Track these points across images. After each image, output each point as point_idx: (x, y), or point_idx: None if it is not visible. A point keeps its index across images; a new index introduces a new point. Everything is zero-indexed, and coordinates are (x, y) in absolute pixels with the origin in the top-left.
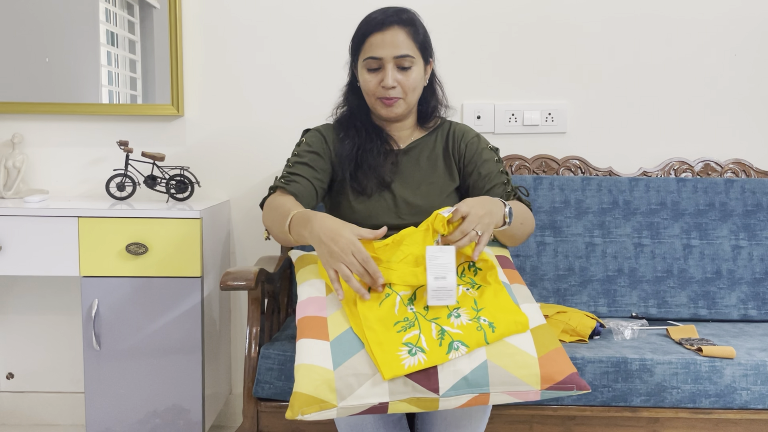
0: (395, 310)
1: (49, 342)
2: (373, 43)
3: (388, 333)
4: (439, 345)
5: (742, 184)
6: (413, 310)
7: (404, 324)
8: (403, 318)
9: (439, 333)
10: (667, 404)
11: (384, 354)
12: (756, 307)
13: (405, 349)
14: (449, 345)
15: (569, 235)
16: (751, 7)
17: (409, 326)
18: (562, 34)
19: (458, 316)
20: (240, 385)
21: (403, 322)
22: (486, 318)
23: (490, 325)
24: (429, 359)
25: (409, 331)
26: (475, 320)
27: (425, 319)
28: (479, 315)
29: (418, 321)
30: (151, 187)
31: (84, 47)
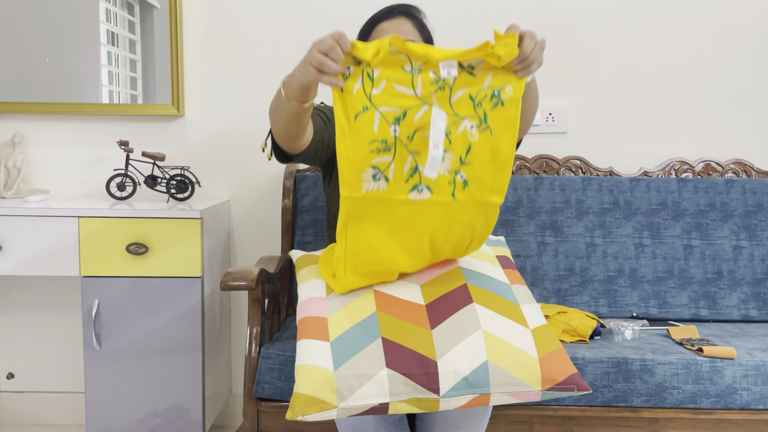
0: (374, 127)
1: (49, 342)
2: (380, 29)
3: (360, 149)
4: (405, 181)
5: (743, 184)
6: (395, 133)
7: (380, 146)
8: (381, 138)
9: (411, 169)
10: (667, 404)
11: (349, 171)
12: (757, 308)
13: (370, 171)
14: (415, 185)
15: (570, 236)
16: (751, 7)
17: (385, 150)
18: (563, 34)
19: (441, 160)
20: (240, 385)
21: (380, 143)
22: (464, 175)
23: (464, 182)
24: (388, 191)
25: (382, 155)
26: (453, 172)
27: (405, 148)
28: (461, 169)
29: (396, 148)
30: (151, 187)
31: (84, 47)
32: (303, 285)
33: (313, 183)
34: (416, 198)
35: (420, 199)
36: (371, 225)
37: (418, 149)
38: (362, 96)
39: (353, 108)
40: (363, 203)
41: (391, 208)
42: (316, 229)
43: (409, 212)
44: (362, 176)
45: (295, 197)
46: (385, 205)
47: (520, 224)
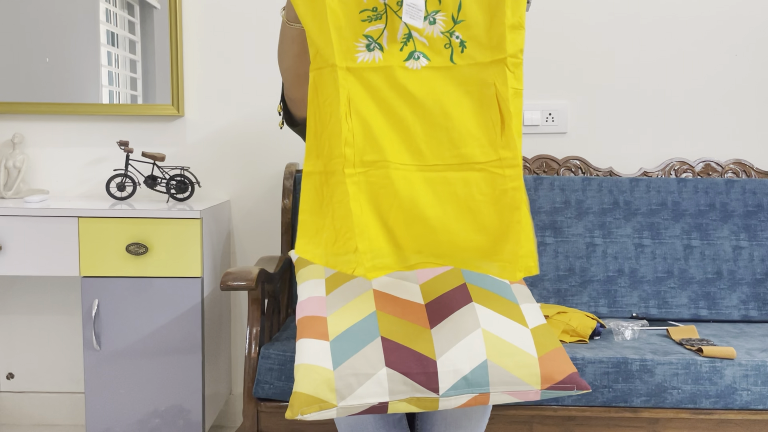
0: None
1: (49, 342)
2: None
3: (349, 17)
4: (399, 49)
5: (743, 184)
6: (385, 1)
7: (371, 14)
8: (371, 7)
9: (405, 36)
10: (667, 405)
11: (341, 41)
12: (757, 308)
13: (363, 42)
14: (410, 53)
15: (570, 236)
16: (752, 6)
17: (376, 18)
18: (563, 35)
19: (433, 23)
20: (240, 385)
21: (371, 11)
22: (460, 35)
23: (461, 43)
24: (384, 59)
25: (374, 23)
26: (447, 34)
27: (396, 15)
28: (455, 29)
29: (387, 15)
30: (151, 187)
31: (84, 47)
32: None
33: None
34: (413, 66)
35: (417, 67)
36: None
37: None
38: None
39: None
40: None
41: (391, 80)
42: None
43: (410, 85)
44: (356, 46)
45: (295, 197)
46: (382, 80)
47: None
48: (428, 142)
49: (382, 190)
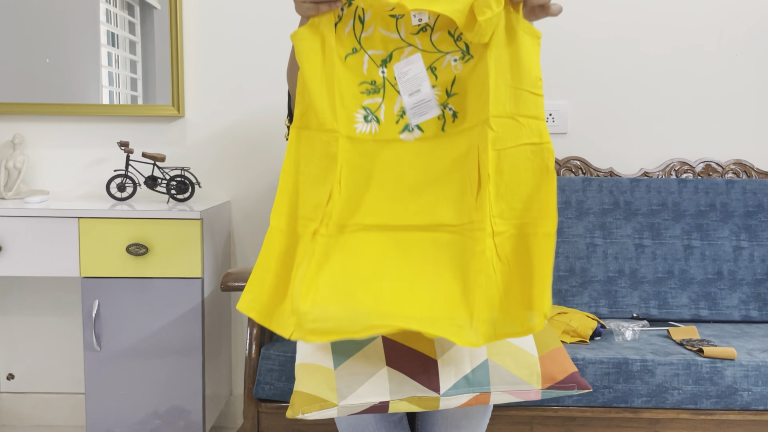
0: (363, 69)
1: (49, 343)
2: None
3: (350, 87)
4: (395, 122)
5: (743, 184)
6: (384, 74)
7: (370, 87)
8: (371, 80)
9: (401, 110)
10: (668, 405)
11: (343, 109)
12: (757, 308)
13: (362, 113)
14: (405, 126)
15: (570, 236)
16: (752, 8)
17: (374, 91)
18: (563, 35)
19: (434, 102)
20: (240, 386)
21: (370, 84)
22: (453, 107)
23: (453, 115)
24: (380, 132)
25: (372, 96)
26: (441, 107)
27: (394, 89)
28: (448, 102)
29: (384, 89)
30: (151, 187)
31: (84, 48)
32: None
33: None
34: (407, 138)
35: (411, 139)
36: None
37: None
38: (352, 38)
39: (344, 49)
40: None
41: (382, 150)
42: None
43: (401, 156)
44: (354, 117)
45: None
46: (375, 152)
47: None
48: (407, 206)
49: (349, 251)
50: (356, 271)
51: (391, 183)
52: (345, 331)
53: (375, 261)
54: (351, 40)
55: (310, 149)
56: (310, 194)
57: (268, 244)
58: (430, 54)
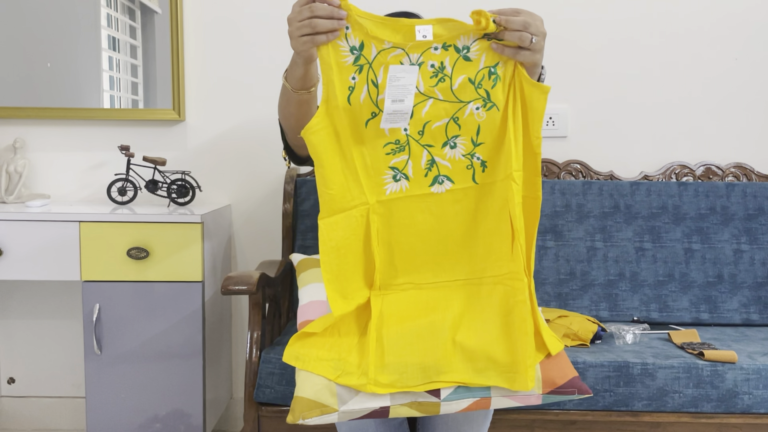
0: (386, 131)
1: (50, 347)
2: None
3: (375, 154)
4: (424, 176)
5: (744, 188)
6: (406, 132)
7: (394, 147)
8: (394, 140)
9: (428, 162)
10: (668, 409)
11: (368, 179)
12: (758, 311)
13: (390, 173)
14: (434, 178)
15: (570, 239)
16: (752, 11)
17: (399, 150)
18: (563, 39)
19: (453, 147)
20: (241, 390)
21: (394, 144)
22: (480, 156)
23: (482, 164)
24: (411, 188)
25: (398, 155)
26: (468, 157)
27: (418, 143)
28: (475, 151)
29: (409, 145)
30: (152, 191)
31: (85, 52)
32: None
33: (313, 187)
34: (438, 191)
35: (442, 191)
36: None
37: (430, 142)
38: (369, 104)
39: (362, 117)
40: (389, 208)
41: (417, 206)
42: (316, 233)
43: (435, 209)
44: (383, 179)
45: (296, 201)
46: (409, 207)
47: None
48: (451, 260)
49: (404, 306)
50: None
51: (433, 238)
52: (408, 386)
53: (427, 315)
54: (369, 106)
55: (338, 230)
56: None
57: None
58: (452, 104)
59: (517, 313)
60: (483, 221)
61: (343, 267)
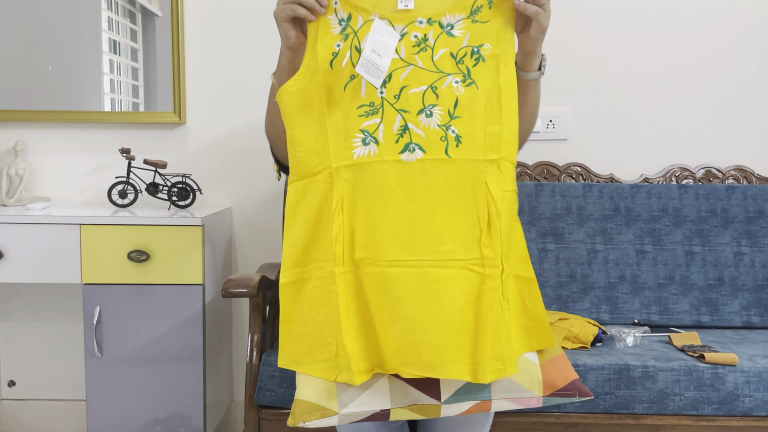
0: (362, 92)
1: (50, 349)
2: None
3: (348, 116)
4: (395, 141)
5: (744, 190)
6: (382, 95)
7: (368, 109)
8: (369, 102)
9: (401, 128)
10: (669, 411)
11: (337, 142)
12: (759, 314)
13: (359, 137)
14: (406, 145)
15: (571, 242)
16: (752, 13)
17: (372, 113)
18: (563, 42)
19: (429, 116)
20: (241, 393)
21: (368, 107)
22: (456, 130)
23: (456, 138)
24: (380, 152)
25: (370, 117)
26: (444, 128)
27: (392, 107)
28: (451, 124)
29: (383, 108)
30: (152, 194)
31: (86, 55)
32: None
33: None
34: (408, 159)
35: (412, 159)
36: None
37: (406, 107)
38: (350, 68)
39: (342, 80)
40: (356, 173)
41: (384, 174)
42: None
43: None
44: (353, 142)
45: None
46: (377, 173)
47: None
48: (414, 237)
49: (368, 287)
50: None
51: (397, 211)
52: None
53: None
54: (349, 69)
55: (308, 196)
56: (318, 238)
57: (285, 300)
58: (431, 73)
59: (485, 302)
60: (453, 199)
61: (306, 231)
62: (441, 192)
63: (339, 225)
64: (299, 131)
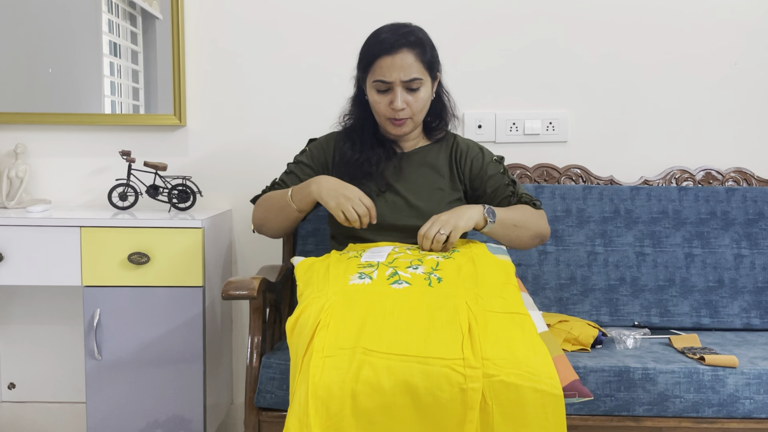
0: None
1: (50, 352)
2: (383, 66)
3: (350, 268)
4: (386, 279)
5: (744, 192)
6: (379, 261)
7: (367, 266)
8: (367, 264)
9: (392, 274)
10: (669, 414)
11: (336, 281)
12: (759, 316)
13: (356, 275)
14: (396, 280)
15: (571, 244)
16: (752, 15)
17: (369, 267)
18: (563, 44)
19: (416, 268)
20: (241, 395)
21: (367, 266)
22: (438, 275)
23: (439, 279)
24: (372, 284)
25: (369, 270)
26: (427, 274)
27: (387, 265)
28: (434, 272)
29: (378, 267)
30: (153, 196)
31: (87, 58)
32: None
33: None
34: (396, 287)
35: (400, 287)
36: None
37: (398, 265)
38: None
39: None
40: (349, 293)
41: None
42: (317, 238)
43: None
44: (350, 278)
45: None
46: (369, 293)
47: None
48: (398, 336)
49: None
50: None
51: (382, 317)
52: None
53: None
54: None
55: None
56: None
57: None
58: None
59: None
60: (434, 311)
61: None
62: (425, 307)
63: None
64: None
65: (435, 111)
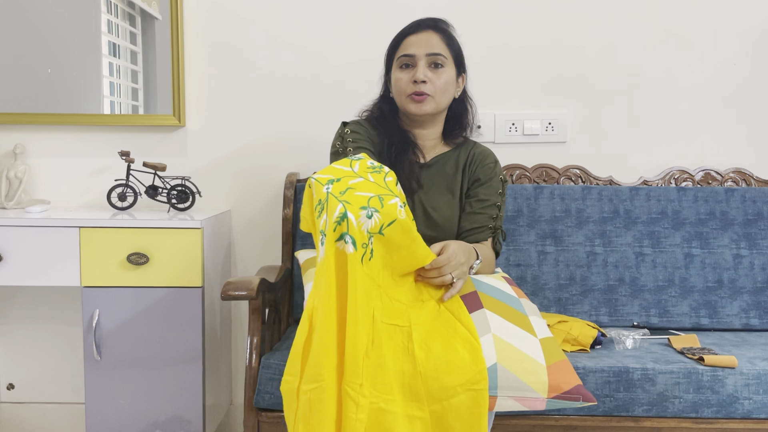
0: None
1: (49, 352)
2: (408, 42)
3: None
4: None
5: (743, 193)
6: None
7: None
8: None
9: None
10: (669, 414)
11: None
12: (758, 316)
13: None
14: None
15: (570, 245)
16: (751, 17)
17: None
18: (563, 45)
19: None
20: (241, 396)
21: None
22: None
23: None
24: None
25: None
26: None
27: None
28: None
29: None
30: (152, 197)
31: (86, 58)
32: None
33: None
34: (342, 248)
35: (345, 250)
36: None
37: (350, 200)
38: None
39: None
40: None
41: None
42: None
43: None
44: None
45: (296, 207)
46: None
47: (521, 233)
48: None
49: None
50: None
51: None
52: None
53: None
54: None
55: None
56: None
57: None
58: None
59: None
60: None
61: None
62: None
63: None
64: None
65: (456, 114)
